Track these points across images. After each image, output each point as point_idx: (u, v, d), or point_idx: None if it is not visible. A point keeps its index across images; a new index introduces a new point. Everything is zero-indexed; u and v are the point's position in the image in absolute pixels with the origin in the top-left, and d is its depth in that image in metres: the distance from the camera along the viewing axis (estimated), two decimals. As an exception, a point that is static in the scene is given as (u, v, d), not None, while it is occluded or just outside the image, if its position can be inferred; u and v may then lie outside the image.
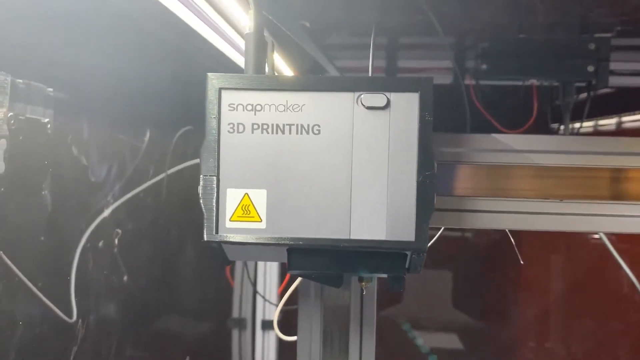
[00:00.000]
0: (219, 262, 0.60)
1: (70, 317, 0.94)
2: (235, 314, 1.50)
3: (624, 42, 1.37)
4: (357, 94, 0.56)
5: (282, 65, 0.95)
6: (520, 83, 1.42)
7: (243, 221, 0.57)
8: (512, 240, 0.85)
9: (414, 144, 0.55)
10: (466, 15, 1.22)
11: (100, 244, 0.94)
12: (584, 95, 1.45)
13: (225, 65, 1.00)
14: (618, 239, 1.97)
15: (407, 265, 0.59)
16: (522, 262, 0.86)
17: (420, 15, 1.11)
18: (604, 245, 2.07)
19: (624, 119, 1.48)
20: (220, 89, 0.57)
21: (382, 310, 2.01)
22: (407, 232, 0.56)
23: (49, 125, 0.83)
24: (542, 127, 1.45)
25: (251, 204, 0.57)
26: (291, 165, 0.57)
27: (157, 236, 1.17)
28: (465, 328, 2.04)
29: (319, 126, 0.56)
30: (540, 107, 1.43)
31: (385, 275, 0.60)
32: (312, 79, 0.57)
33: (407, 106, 0.56)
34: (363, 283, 0.65)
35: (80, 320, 0.93)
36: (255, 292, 1.47)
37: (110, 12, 0.87)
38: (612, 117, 1.50)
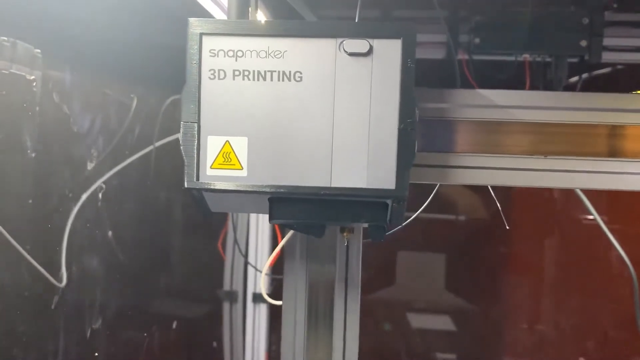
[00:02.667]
0: (201, 212, 0.60)
1: (60, 281, 0.94)
2: (226, 286, 1.50)
3: (619, 17, 1.36)
4: (339, 40, 0.56)
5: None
6: (513, 58, 1.41)
7: (224, 169, 0.57)
8: (498, 204, 0.85)
9: (396, 91, 0.55)
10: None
11: (87, 207, 0.94)
12: (575, 78, 1.45)
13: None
14: (610, 219, 1.97)
15: (388, 216, 0.58)
16: (507, 227, 0.86)
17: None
18: (596, 226, 2.08)
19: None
20: (201, 34, 0.56)
21: (375, 291, 2.02)
22: (387, 180, 0.55)
23: (34, 83, 0.82)
24: (534, 103, 1.45)
25: (232, 152, 0.57)
26: (272, 112, 0.56)
27: (145, 205, 1.17)
28: (457, 310, 2.05)
29: (300, 73, 0.56)
30: (532, 82, 1.43)
31: (366, 225, 0.59)
32: (294, 25, 0.56)
33: (389, 53, 0.55)
34: (345, 234, 0.64)
35: (67, 281, 0.93)
36: (246, 263, 1.47)
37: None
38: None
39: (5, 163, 0.78)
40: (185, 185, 0.57)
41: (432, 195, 0.87)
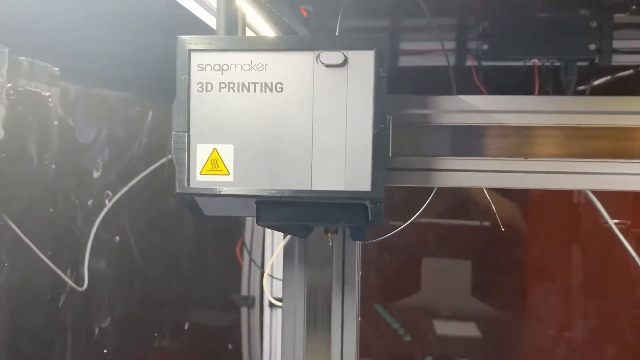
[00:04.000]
0: (193, 215, 0.64)
1: (81, 285, 0.99)
2: (244, 292, 1.54)
3: (631, 19, 1.36)
4: (316, 52, 0.59)
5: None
6: (522, 63, 1.43)
7: (212, 174, 0.61)
8: (493, 206, 0.87)
9: (370, 99, 0.59)
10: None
11: (108, 216, 0.99)
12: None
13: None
14: (633, 223, 1.95)
15: (369, 217, 0.62)
16: (502, 229, 0.88)
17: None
18: (625, 231, 2.04)
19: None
20: (189, 51, 0.60)
21: (400, 299, 2.04)
22: (363, 183, 0.59)
23: (50, 99, 0.88)
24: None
25: (219, 159, 0.61)
26: (256, 121, 0.60)
27: (165, 213, 1.22)
28: (483, 316, 2.04)
29: (281, 84, 0.60)
30: (542, 87, 1.44)
31: (348, 226, 0.63)
32: (275, 39, 0.61)
33: (363, 63, 0.59)
34: (329, 234, 0.68)
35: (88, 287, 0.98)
36: (262, 272, 1.52)
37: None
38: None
39: (25, 174, 0.85)
40: (177, 191, 0.61)
41: (428, 201, 0.89)
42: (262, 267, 1.53)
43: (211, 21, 0.92)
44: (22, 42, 0.83)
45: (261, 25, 0.98)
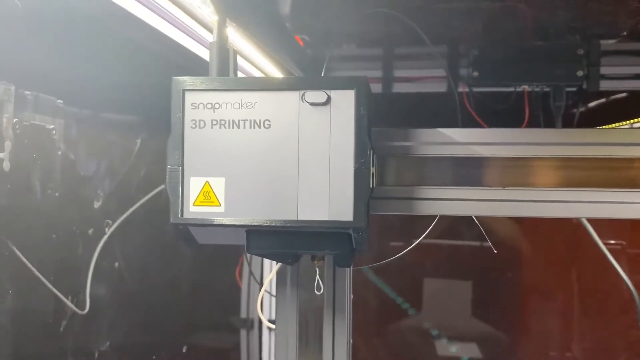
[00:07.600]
0: (187, 244, 0.68)
1: (83, 309, 1.03)
2: (243, 314, 1.57)
3: (618, 46, 1.40)
4: (301, 92, 0.64)
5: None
6: (512, 89, 1.47)
7: (205, 205, 0.65)
8: (483, 231, 0.90)
9: (351, 135, 0.63)
10: (457, 25, 1.28)
11: (109, 241, 1.03)
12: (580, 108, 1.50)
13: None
14: (629, 244, 1.97)
15: (353, 245, 0.65)
16: (495, 251, 0.91)
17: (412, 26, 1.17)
18: (621, 252, 2.06)
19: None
20: (183, 91, 0.65)
21: (402, 319, 2.06)
22: (346, 213, 0.62)
23: (54, 132, 0.92)
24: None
25: (211, 191, 0.65)
26: (246, 156, 0.64)
27: (166, 236, 1.26)
28: (484, 337, 2.06)
29: (269, 121, 0.64)
30: (532, 112, 1.48)
31: (332, 253, 0.66)
32: (263, 80, 0.65)
33: (345, 102, 0.63)
34: (316, 262, 0.71)
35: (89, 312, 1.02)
36: (261, 289, 1.54)
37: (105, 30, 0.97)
38: (603, 127, 1.54)
39: (30, 203, 0.89)
40: (171, 221, 0.65)
41: (432, 225, 0.92)
42: (261, 284, 1.56)
43: (207, 54, 0.97)
44: (25, 76, 0.87)
45: (255, 57, 1.03)
